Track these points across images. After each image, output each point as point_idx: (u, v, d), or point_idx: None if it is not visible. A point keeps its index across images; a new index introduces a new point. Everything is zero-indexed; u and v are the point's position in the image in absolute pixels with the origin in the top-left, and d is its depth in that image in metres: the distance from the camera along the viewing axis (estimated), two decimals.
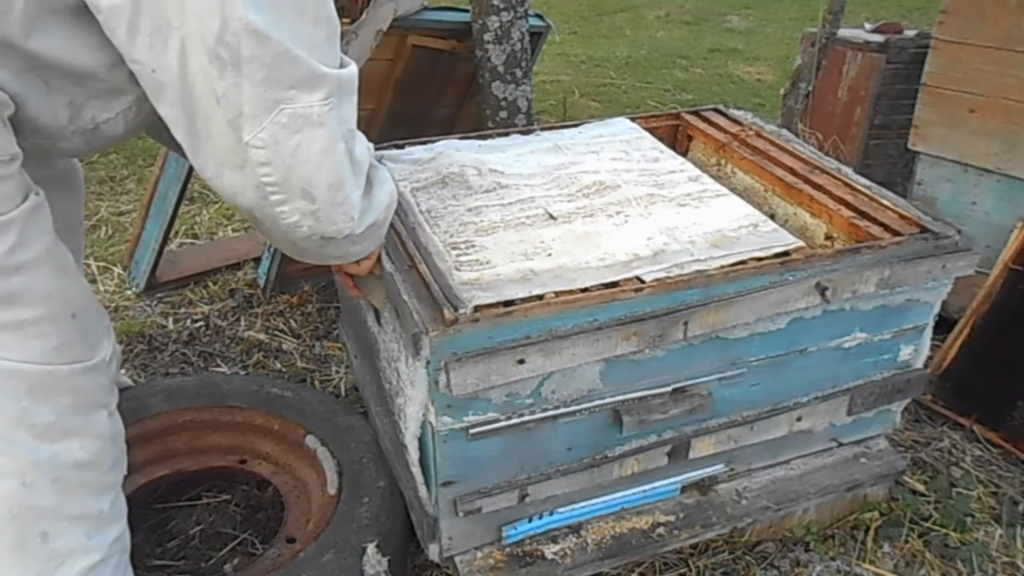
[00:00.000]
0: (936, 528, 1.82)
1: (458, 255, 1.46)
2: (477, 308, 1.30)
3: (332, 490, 1.65)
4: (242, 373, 2.30)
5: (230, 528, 1.80)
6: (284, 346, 2.43)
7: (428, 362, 1.28)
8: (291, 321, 2.55)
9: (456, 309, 1.28)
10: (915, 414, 2.20)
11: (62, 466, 1.18)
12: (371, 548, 1.50)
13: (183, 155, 1.17)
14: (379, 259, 1.47)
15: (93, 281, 2.72)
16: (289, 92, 1.07)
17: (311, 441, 1.76)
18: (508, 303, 1.32)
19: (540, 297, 1.34)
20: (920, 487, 1.94)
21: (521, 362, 1.31)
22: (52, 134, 1.17)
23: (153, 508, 1.81)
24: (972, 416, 2.14)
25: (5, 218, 1.08)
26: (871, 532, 1.80)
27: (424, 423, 1.40)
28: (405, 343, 1.37)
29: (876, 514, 1.82)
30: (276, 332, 2.49)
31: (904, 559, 1.76)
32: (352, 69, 1.17)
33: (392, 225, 1.52)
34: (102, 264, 2.80)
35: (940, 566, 1.75)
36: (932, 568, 1.74)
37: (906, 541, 1.79)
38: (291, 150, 1.09)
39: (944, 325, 2.33)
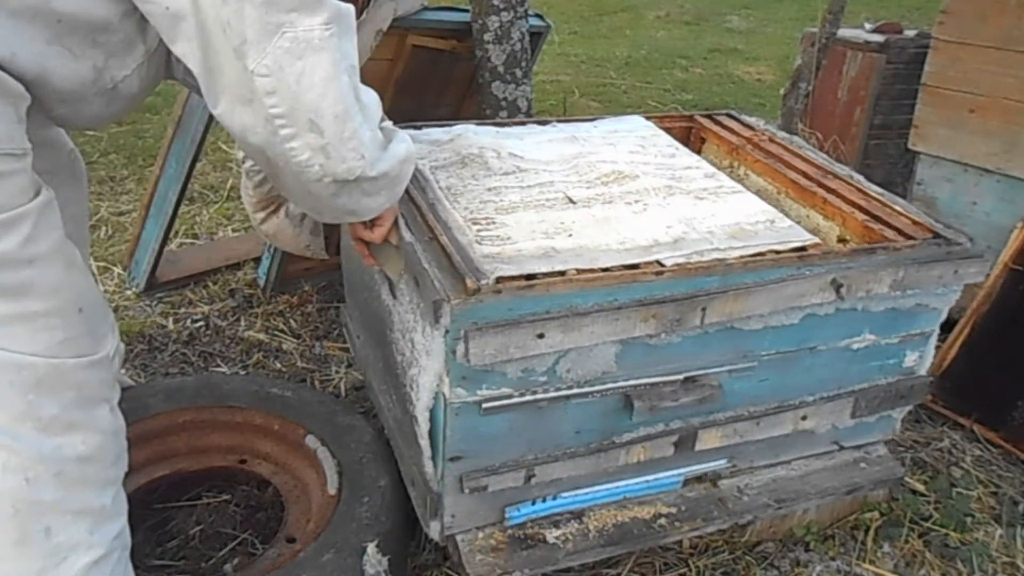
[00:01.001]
0: (936, 528, 1.82)
1: (479, 230, 1.47)
2: (499, 279, 1.31)
3: (332, 490, 1.65)
4: (242, 373, 2.30)
5: (230, 528, 1.79)
6: (284, 346, 2.43)
7: (447, 331, 1.29)
8: (291, 321, 2.55)
9: (478, 279, 1.29)
10: (915, 414, 2.20)
11: (64, 460, 1.18)
12: (371, 548, 1.50)
13: (199, 92, 1.20)
14: (396, 227, 1.46)
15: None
16: (290, 15, 1.09)
17: (311, 441, 1.76)
18: (530, 276, 1.34)
19: (562, 273, 1.35)
20: (920, 487, 1.94)
21: (540, 336, 1.31)
22: (77, 99, 1.20)
23: (153, 508, 1.80)
24: (972, 416, 2.14)
25: (21, 210, 1.10)
26: (871, 532, 1.80)
27: (437, 394, 1.40)
28: (424, 312, 1.37)
29: (876, 514, 1.82)
30: (276, 332, 2.49)
31: (904, 559, 1.76)
32: (349, 6, 1.18)
33: (412, 198, 1.53)
34: (102, 264, 2.80)
35: (940, 566, 1.75)
36: (932, 568, 1.74)
37: (906, 541, 1.79)
38: (295, 77, 1.10)
39: (944, 325, 2.33)
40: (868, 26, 3.06)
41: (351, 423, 1.80)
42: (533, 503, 1.55)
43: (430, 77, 2.65)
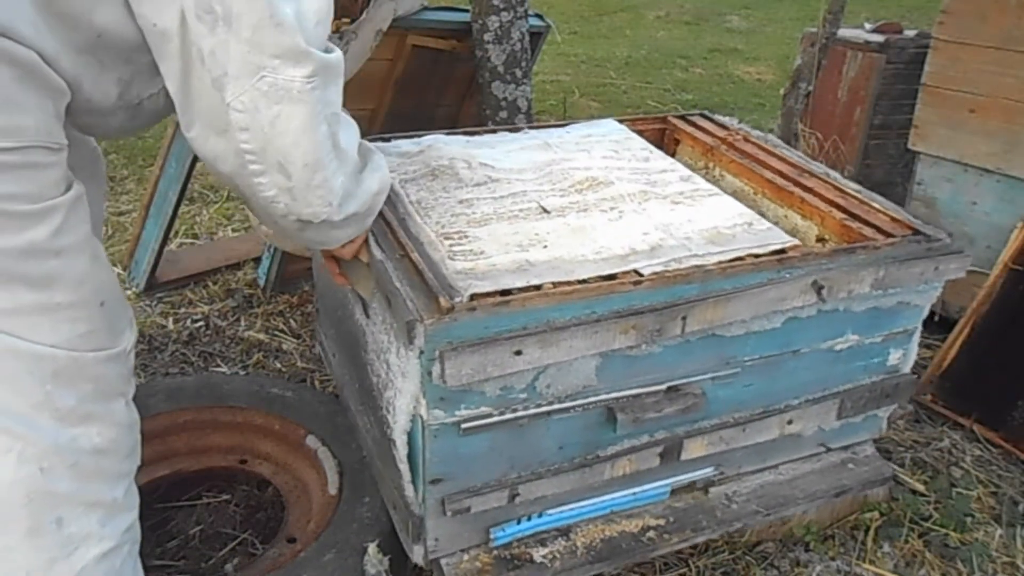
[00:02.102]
0: (936, 528, 1.82)
1: (451, 245, 1.45)
2: (474, 296, 1.28)
3: (333, 490, 1.65)
4: (242, 373, 2.30)
5: (230, 528, 1.80)
6: (284, 346, 2.43)
7: (422, 352, 1.26)
8: (291, 321, 2.55)
9: (452, 297, 1.27)
10: (915, 414, 2.20)
11: (80, 451, 1.19)
12: (372, 548, 1.50)
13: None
14: (367, 245, 1.44)
15: None
16: (272, 61, 1.09)
17: (312, 441, 1.76)
18: (505, 292, 1.31)
19: (538, 287, 1.33)
20: (920, 487, 1.94)
21: (518, 353, 1.29)
22: (103, 111, 1.21)
23: (153, 508, 1.81)
24: (972, 416, 2.14)
25: (53, 203, 1.11)
26: (871, 532, 1.80)
27: (414, 417, 1.37)
28: (398, 332, 1.34)
29: (876, 514, 1.82)
30: (276, 332, 2.49)
31: (904, 559, 1.76)
32: (338, 54, 1.18)
33: (381, 214, 1.51)
34: None
35: (940, 566, 1.75)
36: (932, 568, 1.74)
37: (906, 541, 1.79)
38: (270, 120, 1.11)
39: (944, 325, 2.33)
40: (868, 26, 3.06)
41: (352, 423, 1.80)
42: (518, 522, 1.53)
43: (430, 77, 2.65)
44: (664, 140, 2.15)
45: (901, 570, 1.73)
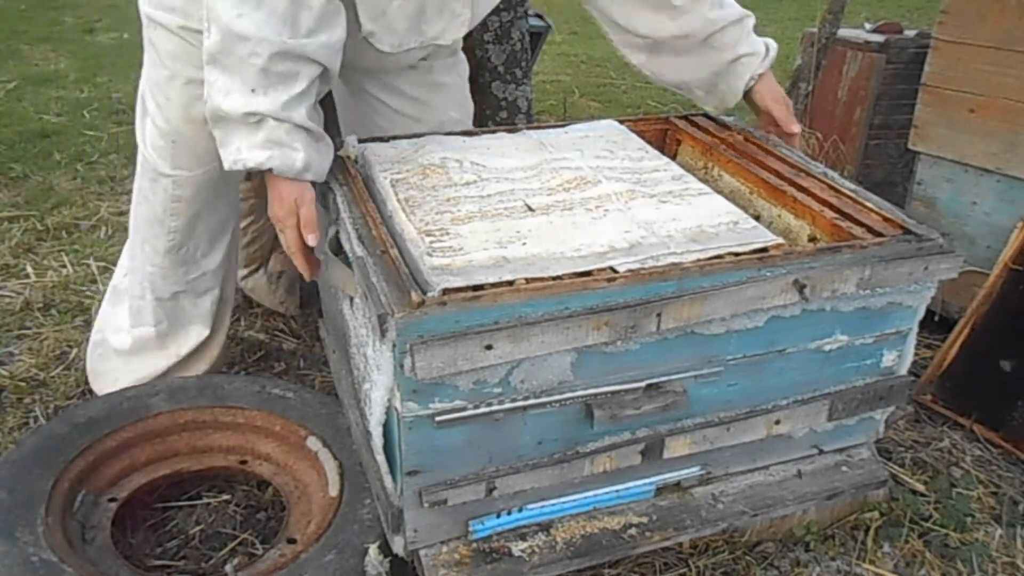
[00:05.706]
0: (936, 528, 1.82)
1: (432, 242, 1.45)
2: (445, 291, 1.29)
3: (333, 492, 1.65)
4: (243, 374, 2.30)
5: (230, 528, 1.80)
6: (284, 346, 2.43)
7: (394, 345, 1.27)
8: (291, 321, 2.55)
9: (424, 292, 1.27)
10: (915, 414, 2.20)
11: None
12: (373, 549, 1.50)
13: None
14: (341, 247, 1.48)
15: (93, 281, 2.73)
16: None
17: (312, 443, 1.76)
18: (477, 287, 1.31)
19: (510, 283, 1.34)
20: (920, 487, 1.94)
21: (488, 348, 1.29)
22: None
23: (153, 508, 1.81)
24: (972, 416, 2.14)
25: None
26: (871, 532, 1.80)
27: (389, 408, 1.38)
28: (372, 326, 1.35)
29: (876, 514, 1.82)
30: (276, 332, 2.49)
31: (904, 559, 1.76)
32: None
33: (368, 211, 1.53)
34: (102, 264, 2.80)
35: (940, 566, 1.75)
36: (932, 568, 1.74)
37: (906, 541, 1.79)
38: None
39: (944, 325, 2.34)
40: (868, 26, 3.06)
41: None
42: (498, 516, 1.53)
43: None
44: (666, 140, 2.14)
45: (901, 570, 1.74)
